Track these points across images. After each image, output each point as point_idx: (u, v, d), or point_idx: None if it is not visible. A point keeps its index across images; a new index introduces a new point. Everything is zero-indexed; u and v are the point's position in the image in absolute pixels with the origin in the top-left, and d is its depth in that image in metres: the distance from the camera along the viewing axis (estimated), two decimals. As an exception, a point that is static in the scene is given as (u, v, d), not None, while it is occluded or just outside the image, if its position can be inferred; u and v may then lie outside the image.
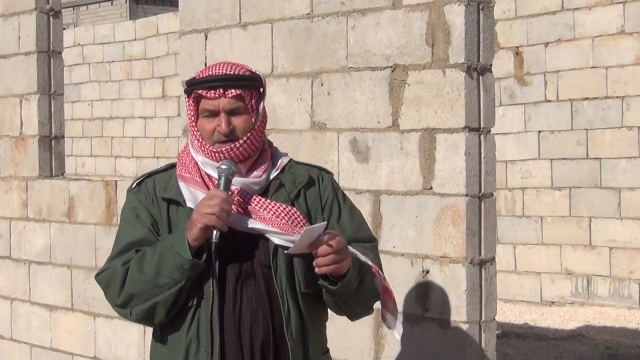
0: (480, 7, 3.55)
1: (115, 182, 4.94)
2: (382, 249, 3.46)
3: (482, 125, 3.55)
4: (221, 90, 2.57)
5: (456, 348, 3.52)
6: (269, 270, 2.57)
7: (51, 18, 5.53)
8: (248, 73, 2.64)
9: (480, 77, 3.54)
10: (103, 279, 2.65)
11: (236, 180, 2.58)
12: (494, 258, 3.60)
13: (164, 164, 2.81)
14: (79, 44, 14.04)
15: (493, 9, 3.61)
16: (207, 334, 2.53)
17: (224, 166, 2.55)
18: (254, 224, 2.55)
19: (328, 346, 2.77)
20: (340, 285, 2.52)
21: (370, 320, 3.68)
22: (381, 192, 3.75)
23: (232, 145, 2.58)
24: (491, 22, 3.60)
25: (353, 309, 2.68)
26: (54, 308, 5.31)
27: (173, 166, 2.72)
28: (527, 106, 10.18)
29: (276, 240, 2.55)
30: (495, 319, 3.61)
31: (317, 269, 2.48)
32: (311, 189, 2.68)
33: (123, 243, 2.64)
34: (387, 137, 3.72)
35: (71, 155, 13.91)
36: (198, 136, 2.63)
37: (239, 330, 2.54)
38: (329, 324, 2.78)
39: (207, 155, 2.61)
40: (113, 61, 13.63)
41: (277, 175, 2.67)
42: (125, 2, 23.15)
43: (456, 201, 3.50)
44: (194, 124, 2.64)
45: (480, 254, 3.53)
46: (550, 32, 9.98)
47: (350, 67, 3.85)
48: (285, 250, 2.55)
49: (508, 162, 10.28)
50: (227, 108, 2.58)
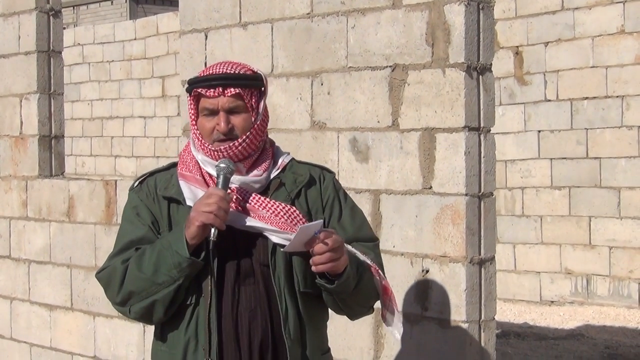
0: (480, 7, 3.55)
1: (115, 182, 4.94)
2: (382, 248, 3.45)
3: (482, 125, 3.55)
4: (220, 89, 2.57)
5: (456, 347, 3.52)
6: (268, 269, 2.57)
7: (51, 18, 5.53)
8: (249, 72, 2.64)
9: (480, 77, 3.54)
10: (103, 277, 2.66)
11: (236, 178, 2.58)
12: (494, 257, 3.60)
13: (166, 163, 2.82)
14: (79, 44, 14.04)
15: (493, 9, 3.61)
16: (205, 333, 2.53)
17: (222, 165, 2.55)
18: (252, 223, 2.55)
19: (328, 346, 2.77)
20: (338, 283, 2.51)
21: (370, 319, 3.68)
22: (381, 192, 3.75)
23: (231, 144, 2.58)
24: (491, 22, 3.60)
25: (352, 309, 2.67)
26: (54, 307, 5.31)
27: (175, 165, 2.72)
28: (527, 106, 10.18)
29: (275, 239, 2.55)
30: (494, 319, 3.61)
31: (314, 267, 2.48)
32: (312, 188, 2.68)
33: (124, 241, 2.65)
34: (387, 137, 3.72)
35: (71, 154, 13.91)
36: (198, 135, 2.63)
37: (237, 329, 2.54)
38: (328, 323, 2.78)
39: (207, 154, 2.61)
40: (113, 61, 13.63)
41: (278, 174, 2.67)
42: (125, 2, 23.15)
43: (456, 201, 3.51)
44: (194, 122, 2.64)
45: (479, 254, 3.53)
46: (550, 32, 9.98)
47: (350, 67, 3.85)
48: (282, 248, 2.55)
49: (508, 162, 10.28)
50: (226, 107, 2.58)
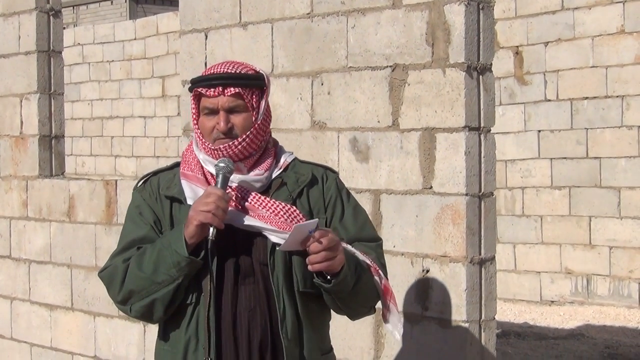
0: (480, 7, 3.55)
1: (115, 182, 4.94)
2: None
3: (482, 125, 3.55)
4: (220, 89, 2.58)
5: (456, 347, 3.52)
6: (267, 269, 2.57)
7: (51, 17, 5.53)
8: (251, 72, 2.64)
9: (480, 77, 3.55)
10: (105, 276, 2.67)
11: (237, 177, 2.59)
12: (494, 257, 3.60)
13: (170, 163, 2.82)
14: (79, 44, 14.04)
15: (493, 9, 3.61)
16: (205, 332, 2.53)
17: (221, 164, 2.55)
18: (251, 222, 2.55)
19: (329, 345, 2.76)
20: (334, 283, 2.50)
21: (370, 319, 3.68)
22: (381, 192, 3.75)
23: (231, 143, 2.58)
24: (491, 22, 3.60)
25: (352, 309, 2.66)
26: (54, 307, 5.31)
27: (178, 164, 2.73)
28: (527, 105, 10.18)
29: (274, 238, 2.55)
30: (495, 318, 3.61)
31: (310, 266, 2.48)
32: (314, 188, 2.67)
33: (126, 240, 2.66)
34: (387, 137, 3.72)
35: (71, 154, 13.91)
36: (199, 134, 2.64)
37: (235, 328, 2.54)
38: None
39: (208, 153, 2.62)
40: (113, 61, 13.63)
41: (280, 173, 2.67)
42: (125, 2, 23.15)
43: (456, 200, 3.51)
44: (196, 121, 2.65)
45: (480, 253, 3.54)
46: (550, 32, 9.98)
47: (351, 67, 3.85)
48: (278, 247, 2.55)
49: (508, 162, 10.28)
50: (226, 106, 2.58)
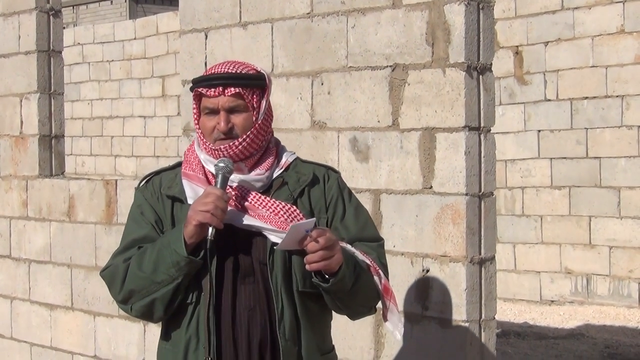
0: (480, 7, 3.55)
1: (115, 181, 4.94)
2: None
3: (482, 125, 3.55)
4: (220, 89, 2.58)
5: (456, 347, 3.52)
6: (267, 268, 2.57)
7: (51, 17, 5.53)
8: (252, 72, 2.63)
9: (480, 77, 3.55)
10: (106, 275, 2.68)
11: (237, 177, 2.59)
12: (494, 257, 3.60)
13: (172, 163, 2.82)
14: (79, 43, 14.04)
15: (493, 8, 3.61)
16: (205, 331, 2.54)
17: (221, 164, 2.55)
18: (251, 222, 2.55)
19: (329, 345, 2.76)
20: (332, 282, 2.49)
21: (370, 319, 3.68)
22: (381, 191, 3.75)
23: (231, 143, 2.58)
24: (491, 22, 3.60)
25: (351, 308, 2.65)
26: (54, 307, 5.32)
27: (181, 164, 2.73)
28: (527, 105, 10.18)
29: (273, 238, 2.55)
30: (495, 318, 3.61)
31: (307, 266, 2.47)
32: (315, 188, 2.67)
33: (127, 240, 2.67)
34: (387, 136, 3.72)
35: (71, 154, 13.91)
36: (200, 133, 2.64)
37: (235, 328, 2.54)
38: (329, 323, 2.78)
39: (208, 153, 2.62)
40: (113, 60, 13.63)
41: (281, 173, 2.67)
42: (125, 2, 23.16)
43: (456, 200, 3.51)
44: (197, 121, 2.65)
45: (480, 253, 3.54)
46: (550, 32, 9.98)
47: (351, 67, 3.85)
48: (275, 247, 2.55)
49: (508, 161, 10.28)
50: (227, 106, 2.58)
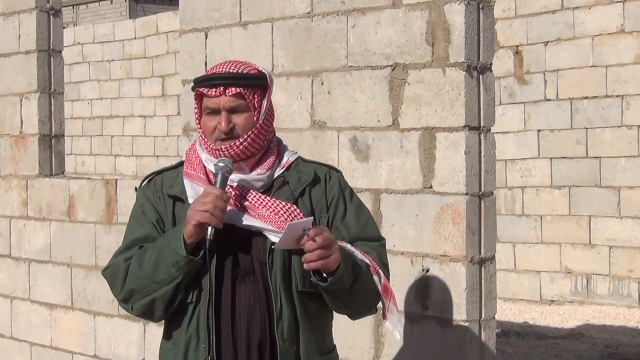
0: (480, 6, 3.55)
1: (115, 181, 4.94)
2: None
3: (482, 124, 3.56)
4: (221, 89, 2.58)
5: (456, 346, 3.52)
6: (267, 268, 2.57)
7: (51, 17, 5.53)
8: (254, 71, 2.63)
9: (480, 76, 3.55)
10: (108, 274, 2.69)
11: (238, 177, 2.59)
12: (494, 257, 3.60)
13: (174, 162, 2.83)
14: (79, 43, 14.04)
15: (493, 8, 3.61)
16: (205, 330, 2.54)
17: (220, 164, 2.56)
18: (251, 221, 2.55)
19: (329, 345, 2.76)
20: (330, 281, 2.49)
21: (370, 318, 3.68)
22: (381, 191, 3.75)
23: (232, 143, 2.58)
24: (491, 21, 3.60)
25: (351, 308, 2.65)
26: (54, 306, 5.32)
27: (183, 164, 2.73)
28: (527, 105, 10.18)
29: (273, 237, 2.55)
30: (495, 318, 3.61)
31: (305, 265, 2.47)
32: (317, 187, 2.67)
33: (129, 239, 2.67)
34: (387, 136, 3.73)
35: (71, 154, 13.91)
36: (201, 133, 2.65)
37: (234, 327, 2.54)
38: (329, 322, 2.78)
39: (209, 153, 2.62)
40: (113, 60, 13.63)
41: (282, 173, 2.67)
42: (125, 1, 23.17)
43: (456, 200, 3.51)
44: (198, 121, 2.65)
45: (480, 253, 3.54)
46: (550, 31, 9.98)
47: (351, 66, 3.85)
48: (273, 246, 2.55)
49: (508, 161, 10.28)
50: (228, 106, 2.58)
